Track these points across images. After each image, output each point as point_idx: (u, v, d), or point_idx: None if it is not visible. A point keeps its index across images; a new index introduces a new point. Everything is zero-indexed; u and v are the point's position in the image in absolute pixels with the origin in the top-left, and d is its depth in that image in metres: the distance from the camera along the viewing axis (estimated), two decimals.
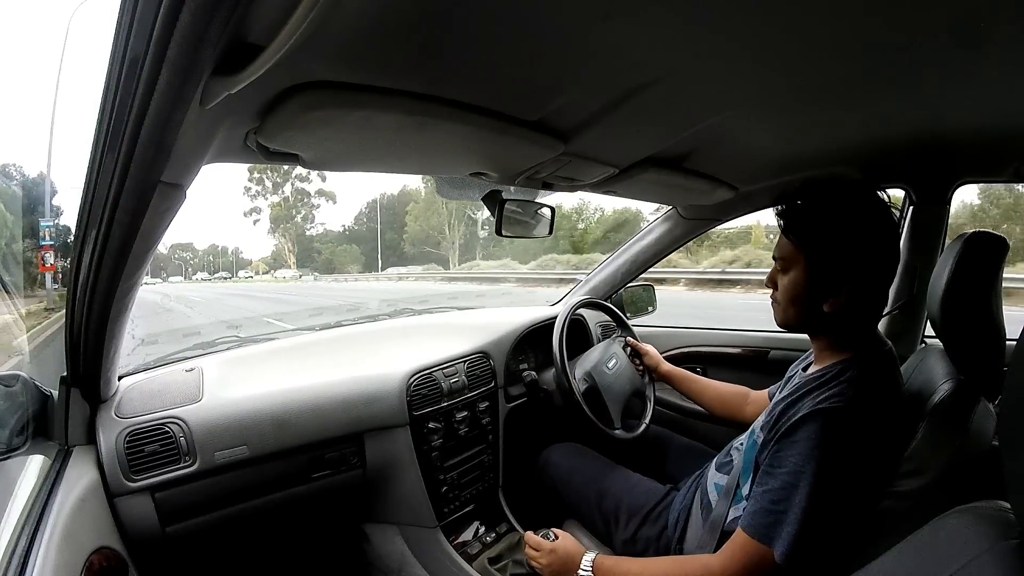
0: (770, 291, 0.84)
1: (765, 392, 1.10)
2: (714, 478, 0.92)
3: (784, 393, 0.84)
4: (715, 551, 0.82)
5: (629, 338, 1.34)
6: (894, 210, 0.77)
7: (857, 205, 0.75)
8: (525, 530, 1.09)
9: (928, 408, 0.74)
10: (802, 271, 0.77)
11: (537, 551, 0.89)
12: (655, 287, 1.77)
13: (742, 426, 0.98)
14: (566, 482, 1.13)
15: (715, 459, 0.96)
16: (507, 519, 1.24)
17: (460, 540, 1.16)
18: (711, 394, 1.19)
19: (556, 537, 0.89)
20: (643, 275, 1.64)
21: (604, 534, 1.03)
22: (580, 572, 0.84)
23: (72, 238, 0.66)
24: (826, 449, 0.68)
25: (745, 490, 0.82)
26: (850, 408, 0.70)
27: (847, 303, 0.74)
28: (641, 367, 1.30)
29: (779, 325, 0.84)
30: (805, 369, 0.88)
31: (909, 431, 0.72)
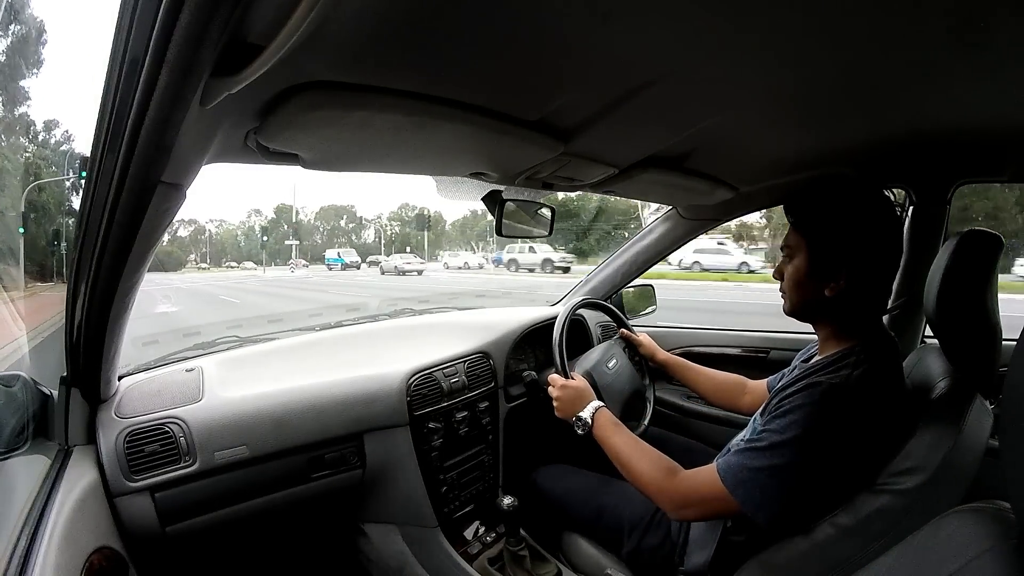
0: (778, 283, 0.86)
1: (763, 382, 1.11)
2: None
3: (784, 382, 0.84)
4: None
5: (623, 330, 1.33)
6: (897, 208, 0.78)
7: (858, 196, 0.77)
8: (523, 534, 1.09)
9: (925, 405, 0.74)
10: (804, 256, 0.79)
11: (555, 386, 1.01)
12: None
13: (740, 416, 0.99)
14: (561, 506, 1.11)
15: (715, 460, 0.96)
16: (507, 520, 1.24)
17: (460, 540, 1.16)
18: (707, 383, 1.20)
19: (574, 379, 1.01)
20: None
21: (613, 550, 1.01)
22: (582, 414, 0.94)
23: (72, 238, 0.66)
24: (816, 420, 0.69)
25: None
26: (848, 387, 0.70)
27: (847, 289, 0.75)
28: (639, 364, 1.30)
29: (786, 314, 0.85)
30: (807, 360, 0.88)
31: (908, 427, 0.72)
